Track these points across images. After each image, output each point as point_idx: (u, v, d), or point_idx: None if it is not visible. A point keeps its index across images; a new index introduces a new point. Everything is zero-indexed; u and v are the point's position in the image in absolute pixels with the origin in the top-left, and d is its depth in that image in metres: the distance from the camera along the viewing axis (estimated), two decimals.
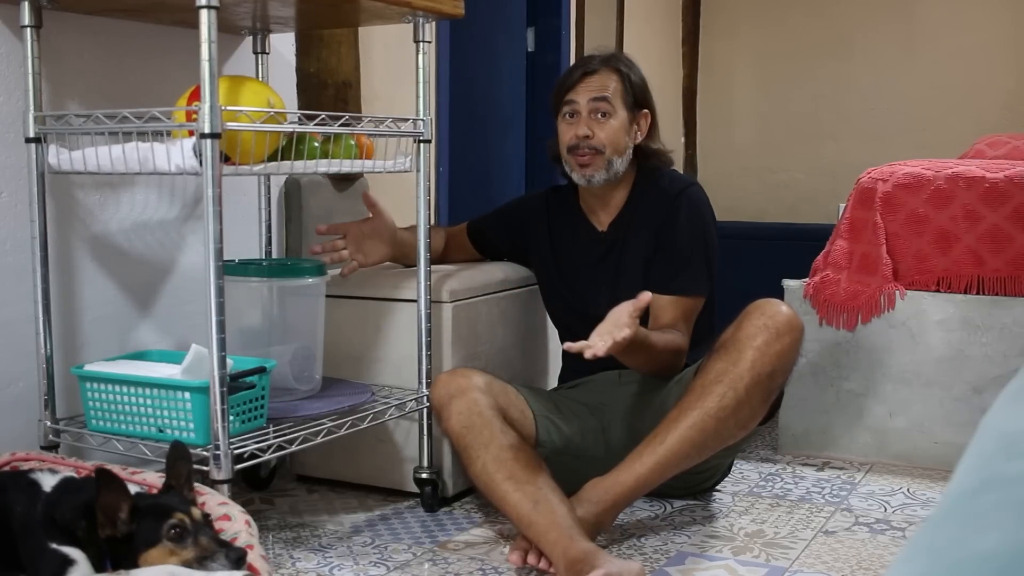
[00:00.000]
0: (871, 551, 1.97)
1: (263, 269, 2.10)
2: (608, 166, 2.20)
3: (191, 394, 1.75)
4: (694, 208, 2.22)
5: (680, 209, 2.21)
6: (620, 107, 2.21)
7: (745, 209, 5.27)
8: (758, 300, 2.06)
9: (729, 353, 1.98)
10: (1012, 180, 2.47)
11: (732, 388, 1.95)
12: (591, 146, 2.19)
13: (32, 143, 1.85)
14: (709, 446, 1.98)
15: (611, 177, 2.22)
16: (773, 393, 2.02)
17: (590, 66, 2.23)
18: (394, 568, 1.88)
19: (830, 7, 5.05)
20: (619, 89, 2.21)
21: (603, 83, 2.20)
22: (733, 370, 1.95)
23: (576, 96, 2.21)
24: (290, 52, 2.56)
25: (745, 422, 1.99)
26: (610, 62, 2.24)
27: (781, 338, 1.98)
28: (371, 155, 2.11)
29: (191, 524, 1.43)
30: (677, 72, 5.31)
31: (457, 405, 1.98)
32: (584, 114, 2.20)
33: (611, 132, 2.19)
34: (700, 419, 1.94)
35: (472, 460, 1.95)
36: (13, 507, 1.47)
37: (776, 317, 2.00)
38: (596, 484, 1.95)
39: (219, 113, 1.63)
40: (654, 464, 1.94)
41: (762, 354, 1.96)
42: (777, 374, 1.99)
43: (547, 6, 4.05)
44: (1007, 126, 4.39)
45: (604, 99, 2.19)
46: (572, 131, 2.21)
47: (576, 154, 2.20)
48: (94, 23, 2.06)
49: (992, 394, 2.41)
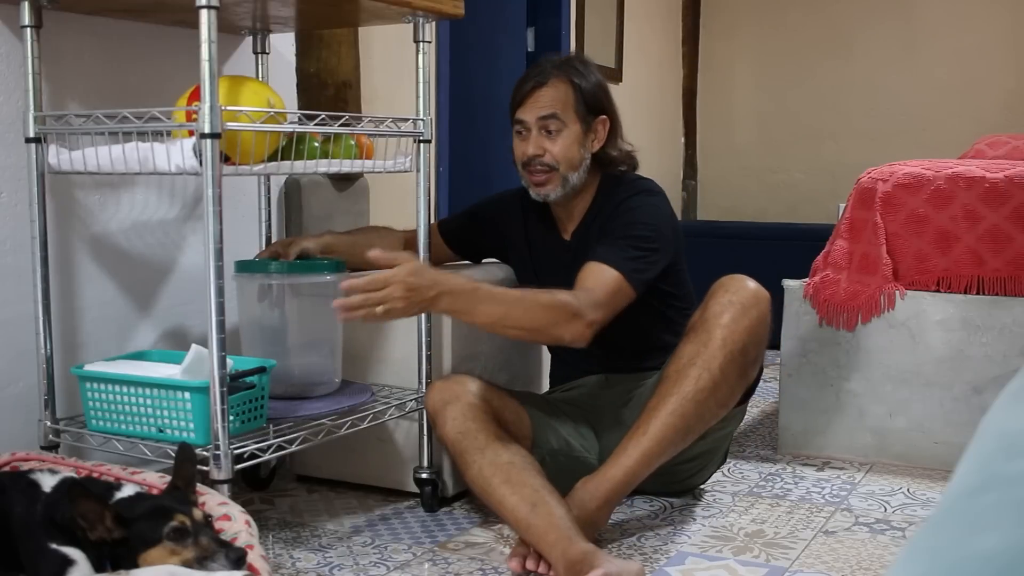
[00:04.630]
0: (871, 551, 1.97)
1: (281, 266, 2.10)
2: (564, 182, 2.13)
3: (191, 394, 1.75)
4: (634, 209, 2.12)
5: (621, 211, 2.12)
6: (572, 120, 2.12)
7: (745, 209, 5.27)
8: (722, 278, 2.04)
9: (699, 335, 1.97)
10: (1012, 180, 2.47)
11: (706, 369, 1.94)
12: (543, 163, 2.12)
13: (32, 143, 1.85)
14: (693, 429, 1.98)
15: (568, 192, 2.15)
16: (749, 367, 2.02)
17: (539, 78, 2.12)
18: (394, 568, 1.88)
19: (830, 7, 5.05)
20: (570, 101, 2.11)
21: (552, 97, 2.11)
22: (705, 351, 1.95)
23: (524, 115, 2.13)
24: (290, 52, 2.56)
25: (724, 400, 2.00)
26: (561, 70, 2.13)
27: (748, 312, 1.97)
28: (371, 155, 2.12)
29: (191, 524, 1.43)
30: (677, 72, 5.31)
31: (451, 411, 1.98)
32: (534, 131, 2.12)
33: (563, 147, 2.11)
34: (679, 405, 1.94)
35: (468, 465, 1.94)
36: (13, 507, 1.47)
37: (740, 292, 1.99)
38: (586, 483, 1.95)
39: (219, 113, 1.63)
40: (640, 456, 1.93)
41: (731, 331, 1.95)
42: (749, 348, 1.98)
43: (547, 6, 4.05)
44: (1007, 126, 4.39)
45: (553, 116, 2.10)
46: (523, 148, 2.13)
47: (529, 171, 2.14)
48: (94, 23, 2.06)
49: (992, 394, 2.41)
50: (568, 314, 1.89)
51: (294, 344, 2.14)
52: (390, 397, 2.17)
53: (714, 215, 5.37)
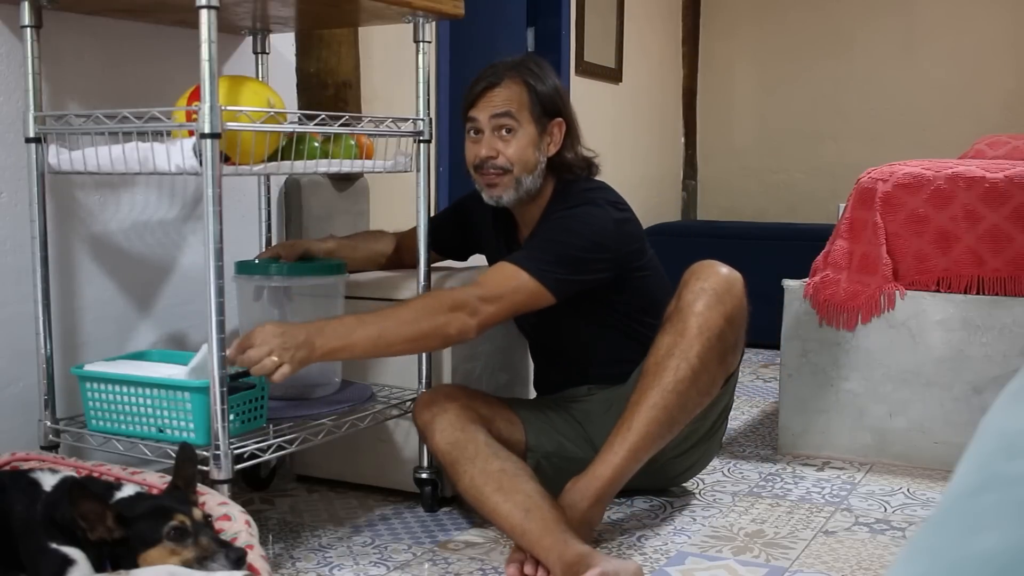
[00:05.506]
0: (871, 551, 1.97)
1: (281, 267, 2.10)
2: (517, 185, 2.06)
3: (191, 394, 1.75)
4: (565, 218, 2.04)
5: (553, 220, 2.05)
6: (526, 121, 2.05)
7: (745, 209, 5.27)
8: (692, 265, 2.02)
9: (674, 325, 1.96)
10: (1012, 180, 2.47)
11: (684, 359, 1.93)
12: (497, 165, 2.05)
13: (32, 143, 1.85)
14: (677, 420, 1.97)
15: (522, 196, 2.08)
16: (728, 353, 2.00)
17: (493, 78, 2.06)
18: (394, 568, 1.88)
19: (830, 7, 5.05)
20: (525, 101, 2.05)
21: (507, 97, 2.05)
22: (681, 341, 1.94)
23: (477, 113, 2.06)
24: (290, 52, 2.56)
25: (707, 388, 1.99)
26: (515, 71, 2.07)
27: (722, 298, 1.96)
28: (371, 155, 2.11)
29: (191, 524, 1.43)
30: (677, 72, 5.31)
31: (440, 423, 1.97)
32: (487, 132, 2.06)
33: (517, 149, 2.05)
34: (661, 397, 1.93)
35: (460, 475, 1.93)
36: (13, 507, 1.47)
37: (712, 278, 1.98)
38: (576, 482, 1.94)
39: (219, 113, 1.63)
40: (627, 452, 1.92)
41: (706, 319, 1.94)
42: (727, 333, 1.97)
43: (547, 6, 4.06)
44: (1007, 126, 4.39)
45: (507, 114, 2.04)
46: (476, 150, 2.07)
47: (482, 173, 2.08)
48: (94, 23, 2.06)
49: (992, 394, 2.41)
50: (447, 307, 1.85)
51: None
52: (390, 397, 2.17)
53: (714, 215, 5.37)
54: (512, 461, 1.94)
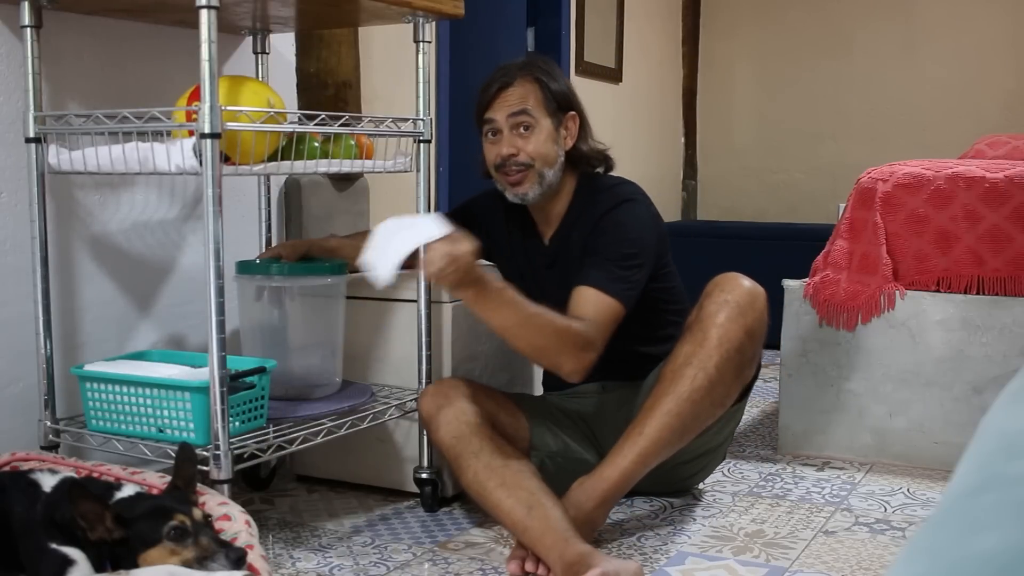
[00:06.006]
0: (871, 551, 1.97)
1: (282, 267, 2.10)
2: (540, 179, 2.09)
3: (191, 394, 1.75)
4: (619, 224, 2.08)
5: (606, 226, 2.07)
6: (542, 116, 2.09)
7: (745, 209, 5.27)
8: (716, 277, 2.04)
9: (695, 334, 1.97)
10: (1012, 180, 2.47)
11: (702, 369, 1.94)
12: (519, 162, 2.08)
13: (32, 143, 1.85)
14: (690, 429, 1.97)
15: (545, 190, 2.11)
16: (745, 366, 2.01)
17: (505, 78, 2.09)
18: (394, 568, 1.88)
19: (830, 7, 5.05)
20: (539, 98, 2.09)
21: (521, 95, 2.08)
22: (700, 351, 1.95)
23: (494, 114, 2.09)
24: (290, 52, 2.56)
25: (721, 400, 1.99)
26: (526, 71, 2.11)
27: (743, 311, 1.97)
28: (371, 155, 2.12)
29: (191, 524, 1.43)
30: (677, 72, 5.31)
31: (445, 416, 1.98)
32: (506, 131, 2.08)
33: (537, 144, 2.07)
34: (675, 405, 1.93)
35: (463, 470, 1.94)
36: (13, 507, 1.47)
37: (736, 291, 1.99)
38: (582, 483, 1.94)
39: (219, 113, 1.63)
40: (636, 456, 1.93)
41: (727, 331, 1.95)
42: (746, 347, 1.98)
43: (547, 6, 4.06)
44: (1007, 126, 4.39)
45: (524, 112, 2.07)
46: (496, 150, 2.09)
47: (504, 172, 2.10)
48: (94, 23, 2.06)
49: (992, 394, 2.41)
50: (579, 344, 1.89)
51: (294, 345, 2.14)
52: (390, 397, 2.17)
53: (714, 215, 5.37)
54: (516, 457, 1.95)
